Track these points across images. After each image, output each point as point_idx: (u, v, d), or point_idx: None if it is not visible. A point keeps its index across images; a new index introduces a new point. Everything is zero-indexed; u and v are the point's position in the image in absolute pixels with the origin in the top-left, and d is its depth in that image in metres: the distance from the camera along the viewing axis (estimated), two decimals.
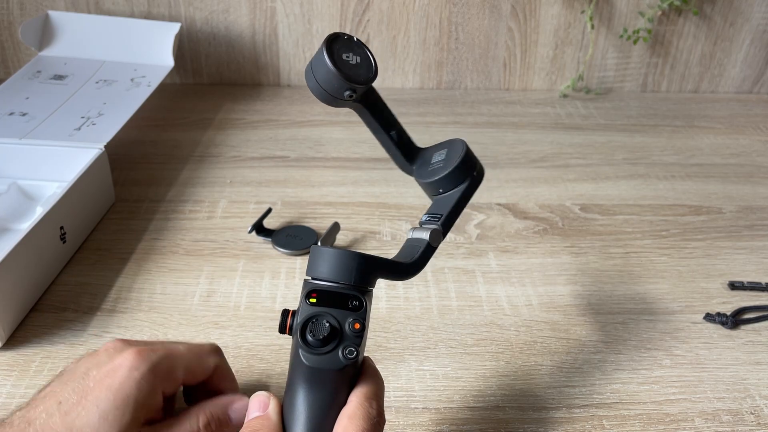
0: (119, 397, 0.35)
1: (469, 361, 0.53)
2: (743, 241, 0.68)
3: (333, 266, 0.36)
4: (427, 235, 0.39)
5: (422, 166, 0.43)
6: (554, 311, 0.58)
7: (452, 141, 0.43)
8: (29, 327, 0.54)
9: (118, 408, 0.34)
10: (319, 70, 0.38)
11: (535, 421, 0.47)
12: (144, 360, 0.37)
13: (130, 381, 0.35)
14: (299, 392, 0.35)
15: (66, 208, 0.60)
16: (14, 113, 0.75)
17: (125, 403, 0.35)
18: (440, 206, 0.41)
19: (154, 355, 0.38)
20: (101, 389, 0.35)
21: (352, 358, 0.34)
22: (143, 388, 0.36)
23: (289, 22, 0.97)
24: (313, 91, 0.39)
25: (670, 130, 0.93)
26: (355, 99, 0.39)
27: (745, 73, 1.03)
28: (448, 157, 0.42)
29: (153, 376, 0.37)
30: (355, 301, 0.35)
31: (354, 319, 0.35)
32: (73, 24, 0.91)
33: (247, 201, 0.72)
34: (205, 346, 0.42)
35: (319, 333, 0.34)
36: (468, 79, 1.03)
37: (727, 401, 0.50)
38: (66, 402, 0.35)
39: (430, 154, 0.43)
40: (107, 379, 0.35)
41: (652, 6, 0.97)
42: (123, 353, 0.37)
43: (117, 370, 0.36)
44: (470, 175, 0.41)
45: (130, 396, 0.35)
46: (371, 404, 0.35)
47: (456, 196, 0.40)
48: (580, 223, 0.71)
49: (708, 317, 0.57)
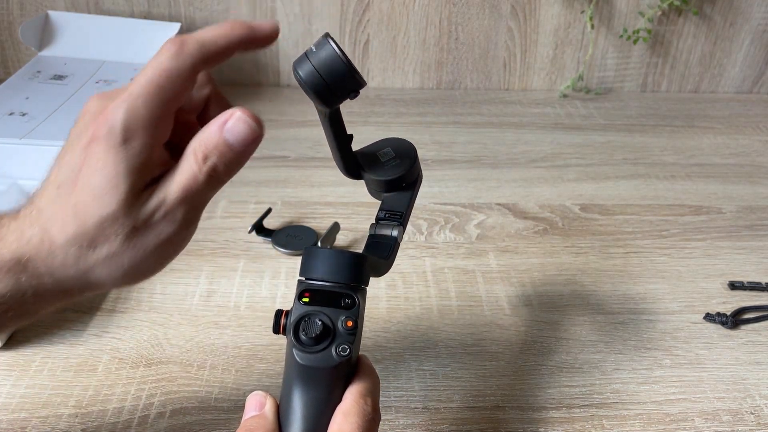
0: (109, 172, 0.31)
1: (469, 361, 0.53)
2: (743, 241, 0.68)
3: (325, 266, 0.36)
4: (395, 232, 0.41)
5: (373, 164, 0.43)
6: (554, 311, 0.58)
7: (389, 140, 0.45)
8: (29, 327, 0.54)
9: (110, 183, 0.31)
10: (326, 65, 0.36)
11: (535, 421, 0.47)
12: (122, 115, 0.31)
13: (113, 151, 0.31)
14: (294, 391, 0.35)
15: None
16: (14, 113, 0.75)
17: (117, 176, 0.31)
18: (395, 203, 0.43)
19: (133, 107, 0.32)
20: (89, 166, 0.31)
21: (345, 355, 0.34)
22: (131, 154, 0.31)
23: (289, 22, 0.97)
24: (309, 85, 0.37)
25: (670, 130, 0.93)
26: (352, 98, 0.39)
27: (745, 73, 1.03)
28: (399, 155, 0.43)
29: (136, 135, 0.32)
30: (348, 300, 0.36)
31: (346, 317, 0.35)
32: (73, 24, 0.91)
33: (247, 201, 0.72)
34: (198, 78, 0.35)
35: (311, 331, 0.34)
36: (468, 79, 1.02)
37: (727, 401, 0.50)
38: (63, 185, 0.32)
39: (373, 154, 0.44)
40: (91, 154, 0.31)
41: (652, 6, 0.97)
42: (99, 116, 0.32)
43: (97, 139, 0.31)
44: (419, 172, 0.44)
45: (119, 165, 0.31)
46: (366, 401, 0.35)
47: (410, 194, 0.43)
48: (580, 223, 0.71)
49: (708, 317, 0.57)
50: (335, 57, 0.36)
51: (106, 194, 0.31)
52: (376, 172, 0.43)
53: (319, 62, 0.37)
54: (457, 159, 0.83)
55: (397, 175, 0.42)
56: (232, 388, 0.49)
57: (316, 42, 0.37)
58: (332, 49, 0.36)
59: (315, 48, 0.37)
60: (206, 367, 0.51)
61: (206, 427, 0.46)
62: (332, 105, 0.39)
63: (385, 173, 0.43)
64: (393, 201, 0.43)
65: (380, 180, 0.43)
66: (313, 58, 0.37)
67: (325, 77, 0.37)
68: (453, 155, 0.84)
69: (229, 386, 0.49)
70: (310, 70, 0.37)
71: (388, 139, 0.45)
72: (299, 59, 0.37)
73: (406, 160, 0.43)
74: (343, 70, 0.36)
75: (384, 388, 0.50)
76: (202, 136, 0.33)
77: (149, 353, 0.52)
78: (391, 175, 0.42)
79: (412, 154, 0.43)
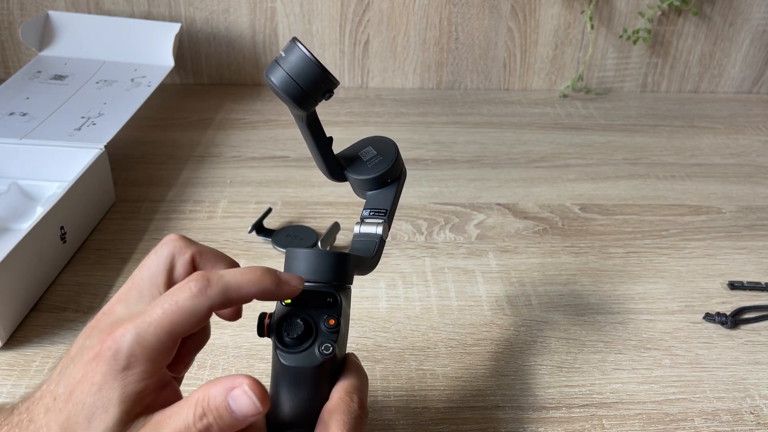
0: (103, 396, 0.31)
1: (469, 361, 0.53)
2: (743, 241, 0.68)
3: (306, 266, 0.36)
4: (380, 230, 0.42)
5: (356, 164, 0.44)
6: (554, 311, 0.58)
7: (369, 139, 0.45)
8: (29, 327, 0.54)
9: (102, 406, 0.31)
10: (298, 69, 0.37)
11: (535, 421, 0.47)
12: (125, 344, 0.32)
13: (111, 375, 0.31)
14: (282, 392, 0.35)
15: (66, 208, 0.60)
16: (14, 113, 0.75)
17: (109, 402, 0.31)
18: (379, 201, 0.43)
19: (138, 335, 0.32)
20: (85, 384, 0.32)
21: (328, 354, 0.34)
22: (129, 381, 0.32)
23: (289, 22, 0.97)
24: (283, 91, 0.38)
25: (669, 130, 0.93)
26: (327, 99, 0.39)
27: (744, 73, 1.04)
28: (380, 153, 0.44)
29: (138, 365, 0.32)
30: (330, 298, 0.36)
31: (328, 316, 0.35)
32: (73, 24, 0.91)
33: (247, 201, 0.72)
34: (187, 292, 0.33)
35: (293, 332, 0.34)
36: (468, 79, 1.03)
37: (727, 401, 0.50)
38: (59, 398, 0.32)
39: (354, 154, 0.45)
40: (90, 371, 0.32)
41: (651, 6, 0.97)
42: (109, 334, 0.32)
43: (100, 358, 0.32)
44: (402, 167, 0.44)
45: (113, 391, 0.31)
46: (352, 398, 0.35)
47: (394, 190, 0.43)
48: (580, 223, 0.71)
49: (708, 317, 0.57)
50: (306, 59, 0.37)
51: (97, 417, 0.31)
52: (358, 172, 0.43)
53: (291, 67, 0.37)
54: (457, 159, 0.83)
55: (380, 172, 0.43)
56: None
57: (285, 47, 0.38)
58: (302, 52, 0.37)
59: (284, 53, 0.38)
60: (206, 367, 0.51)
61: None
62: (308, 108, 0.39)
63: (368, 171, 0.43)
64: (377, 199, 0.43)
65: (363, 179, 0.43)
66: (285, 64, 0.37)
67: (298, 81, 0.37)
68: (453, 155, 0.84)
69: None
70: (282, 75, 0.37)
71: (368, 138, 0.46)
72: (270, 67, 0.38)
73: (387, 157, 0.43)
74: (316, 71, 0.37)
75: (384, 388, 0.50)
76: (207, 392, 0.32)
77: None
78: (374, 173, 0.43)
79: (393, 150, 0.44)
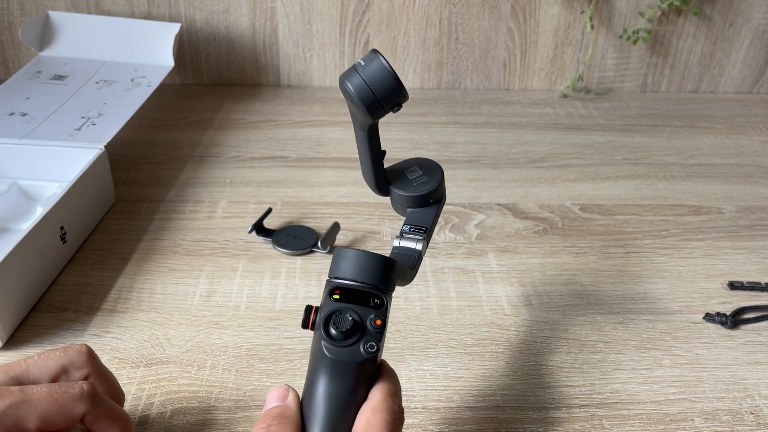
0: None
1: (469, 361, 0.53)
2: (743, 241, 0.68)
3: (356, 267, 0.37)
4: (420, 246, 0.43)
5: (402, 180, 0.46)
6: (554, 311, 0.58)
7: (415, 159, 0.47)
8: (29, 327, 0.54)
9: None
10: (375, 78, 0.39)
11: (535, 421, 0.47)
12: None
13: None
14: (320, 384, 0.36)
15: (66, 208, 0.60)
16: (14, 113, 0.75)
17: None
18: (420, 219, 0.45)
19: (0, 403, 0.33)
20: None
21: (373, 352, 0.35)
22: None
23: (289, 22, 0.97)
24: (359, 97, 0.39)
25: (669, 130, 0.93)
26: (395, 111, 0.41)
27: (744, 73, 1.04)
28: (426, 172, 0.46)
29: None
30: (377, 300, 0.37)
31: (375, 316, 0.36)
32: (73, 24, 0.91)
33: (247, 201, 0.72)
34: (74, 391, 0.36)
35: (342, 326, 0.35)
36: (468, 79, 1.03)
37: (727, 401, 0.50)
38: None
39: (401, 171, 0.46)
40: None
41: (651, 6, 0.97)
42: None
43: None
44: (444, 191, 0.46)
45: None
46: (394, 400, 0.36)
47: (434, 211, 0.45)
48: (579, 223, 0.71)
49: (708, 317, 0.57)
50: (385, 71, 0.39)
51: None
52: (404, 189, 0.45)
53: (369, 75, 0.39)
54: (457, 159, 0.83)
55: (425, 192, 0.45)
56: (232, 388, 0.49)
57: (365, 56, 0.40)
58: (382, 63, 0.39)
59: (364, 62, 0.40)
60: (206, 367, 0.51)
61: (206, 427, 0.46)
62: (376, 117, 0.41)
63: (414, 189, 0.45)
64: (417, 216, 0.45)
65: (408, 196, 0.45)
66: (363, 72, 0.39)
67: (374, 90, 0.39)
68: (453, 155, 0.84)
69: (229, 386, 0.49)
70: (359, 83, 0.39)
71: (414, 159, 0.48)
72: (347, 72, 0.40)
73: (433, 178, 0.45)
74: (392, 83, 0.39)
75: None
76: None
77: (149, 353, 0.52)
78: (419, 192, 0.45)
79: (438, 173, 0.46)
